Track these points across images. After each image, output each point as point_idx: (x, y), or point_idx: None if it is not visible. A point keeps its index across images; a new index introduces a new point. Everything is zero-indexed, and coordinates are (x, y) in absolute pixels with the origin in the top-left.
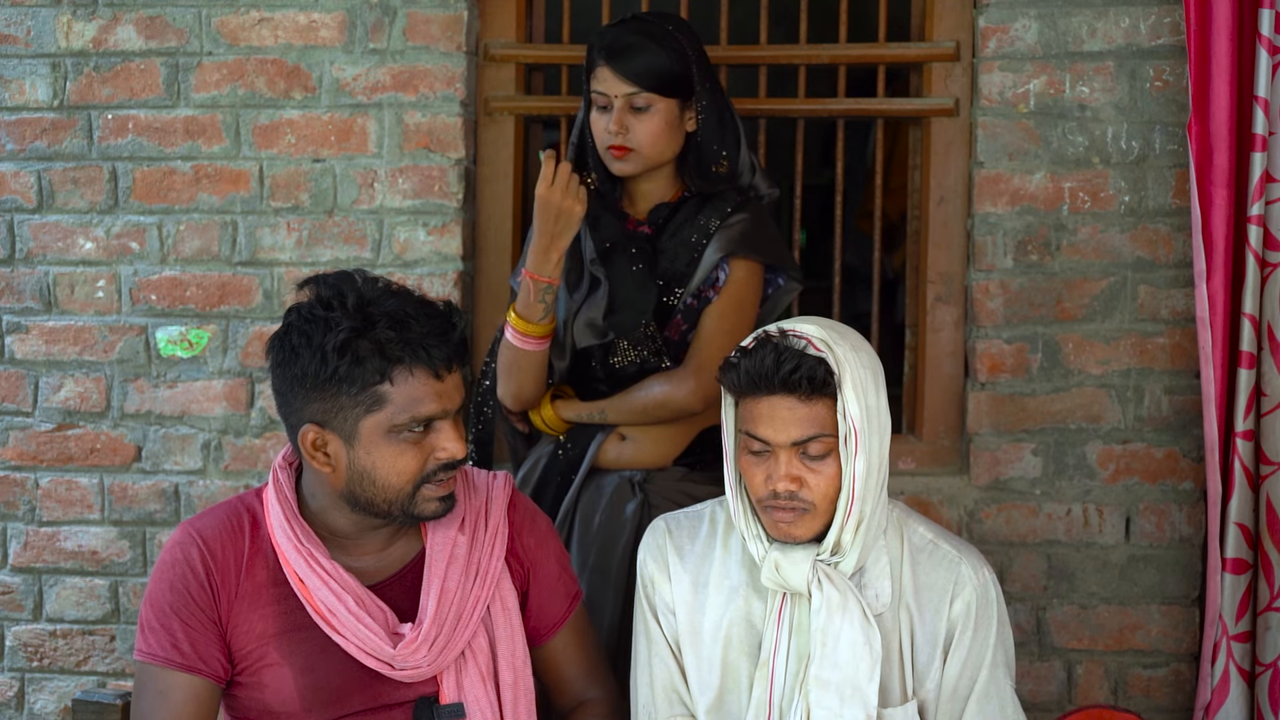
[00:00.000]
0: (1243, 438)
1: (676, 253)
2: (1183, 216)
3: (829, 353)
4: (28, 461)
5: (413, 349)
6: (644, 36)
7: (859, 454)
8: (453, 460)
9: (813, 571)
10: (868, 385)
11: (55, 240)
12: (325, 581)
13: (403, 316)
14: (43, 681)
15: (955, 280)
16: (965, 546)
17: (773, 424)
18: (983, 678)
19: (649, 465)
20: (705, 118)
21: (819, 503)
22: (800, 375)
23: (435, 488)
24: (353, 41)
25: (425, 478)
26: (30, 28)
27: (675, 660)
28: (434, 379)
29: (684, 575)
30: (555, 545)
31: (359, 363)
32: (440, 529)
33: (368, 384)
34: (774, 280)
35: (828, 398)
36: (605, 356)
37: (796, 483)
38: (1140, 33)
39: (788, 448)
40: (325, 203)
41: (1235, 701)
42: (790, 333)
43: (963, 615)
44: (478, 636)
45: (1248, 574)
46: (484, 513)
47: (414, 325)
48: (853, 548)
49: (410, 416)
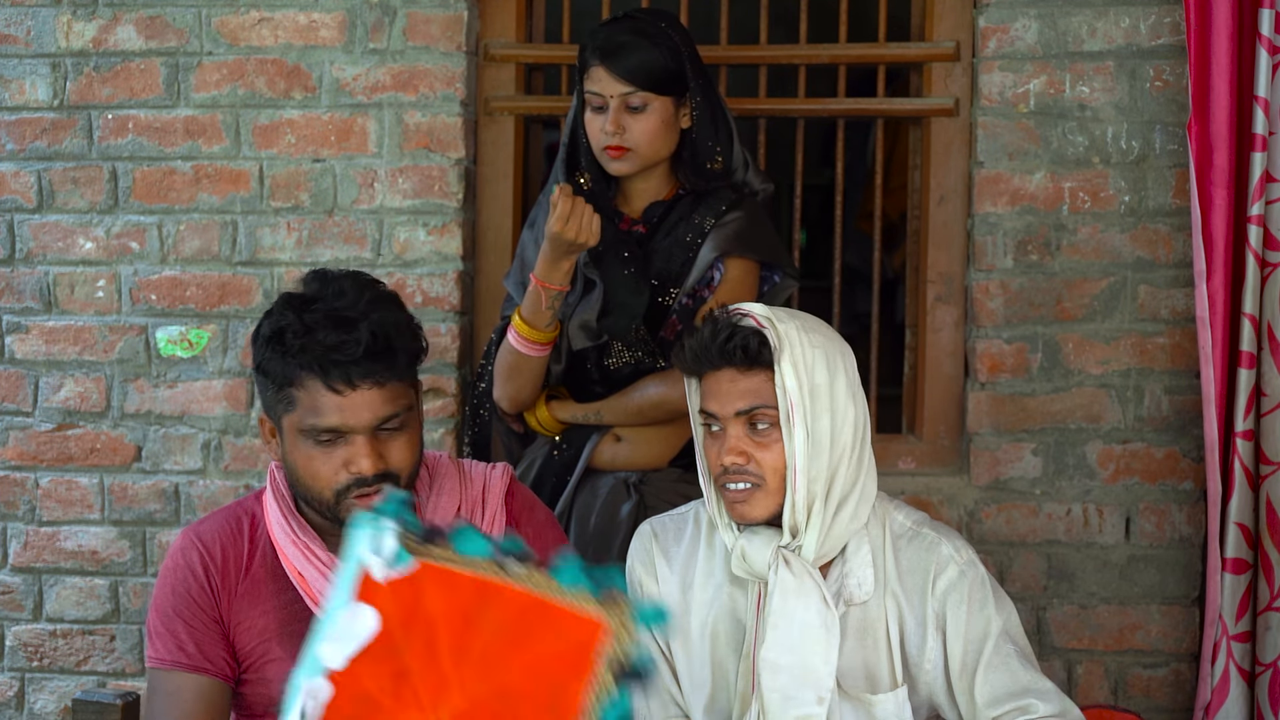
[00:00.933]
0: (1243, 438)
1: (671, 252)
2: (1183, 216)
3: (770, 328)
4: (28, 461)
5: (307, 359)
6: (638, 35)
7: (797, 428)
8: (361, 477)
9: (774, 556)
10: (814, 363)
11: (55, 240)
12: (322, 572)
13: (313, 325)
14: (43, 681)
15: (955, 280)
16: (946, 530)
17: (717, 397)
18: (988, 650)
19: (644, 466)
20: (699, 114)
21: (768, 478)
22: (734, 345)
23: (353, 501)
24: (353, 41)
25: (339, 491)
26: (30, 28)
27: (666, 662)
28: (331, 392)
29: (671, 577)
30: (555, 535)
31: (281, 357)
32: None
33: (282, 383)
34: (769, 277)
35: (767, 369)
36: (600, 358)
37: (743, 456)
38: (1140, 33)
39: (733, 419)
40: (325, 203)
41: (1235, 701)
42: (735, 311)
43: (950, 592)
44: None
45: (1248, 574)
46: (480, 501)
47: (320, 335)
48: (809, 530)
49: (311, 424)
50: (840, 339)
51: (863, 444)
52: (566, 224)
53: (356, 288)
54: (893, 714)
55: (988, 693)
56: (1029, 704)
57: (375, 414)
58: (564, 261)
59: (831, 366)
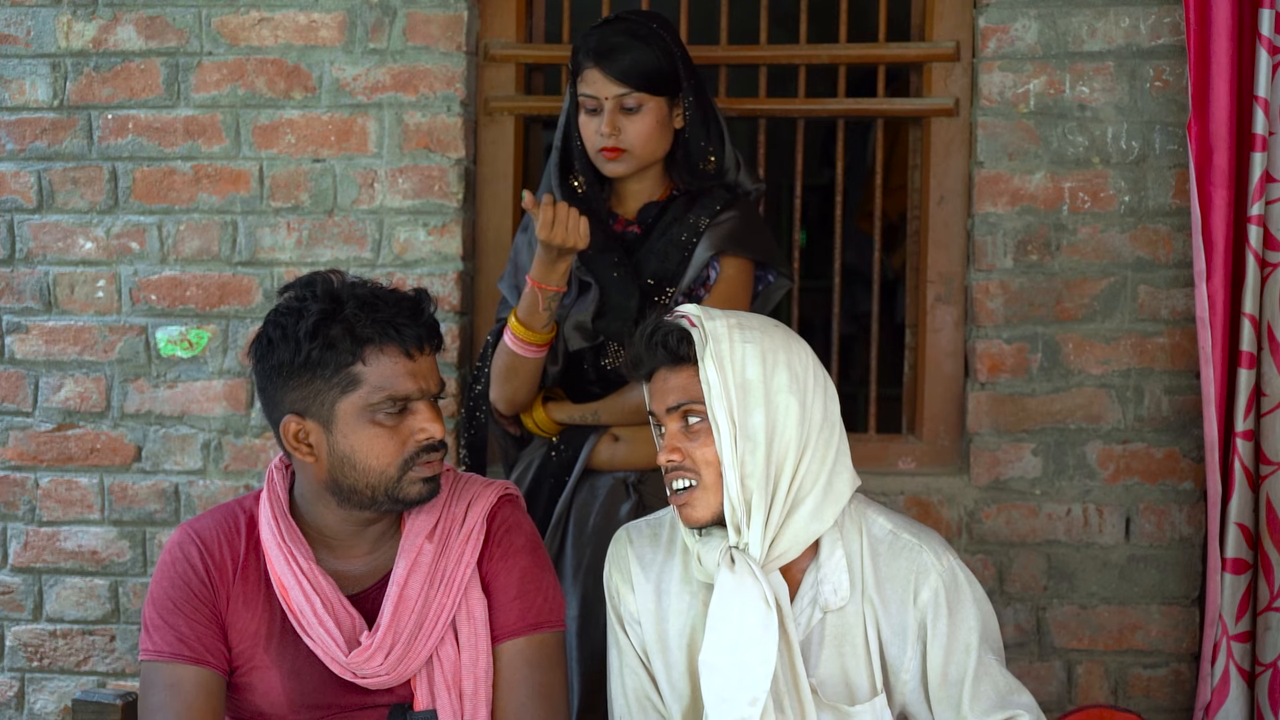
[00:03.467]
0: (1243, 438)
1: (667, 252)
2: (1183, 216)
3: (699, 326)
4: (28, 461)
5: (381, 328)
6: (630, 37)
7: (722, 421)
8: (432, 441)
9: (721, 557)
10: (744, 358)
11: (55, 240)
12: (299, 582)
13: (370, 299)
14: (43, 681)
15: (955, 280)
16: (926, 533)
17: (654, 396)
18: (972, 661)
19: (642, 466)
20: (691, 114)
21: (702, 472)
22: (656, 340)
23: (419, 469)
24: (353, 41)
25: (407, 461)
26: (30, 28)
27: (645, 669)
28: (405, 358)
29: (646, 584)
30: (529, 563)
31: (331, 345)
32: (411, 536)
33: (341, 365)
34: (763, 277)
35: (694, 366)
36: (596, 359)
37: (678, 453)
38: (1140, 33)
39: (667, 417)
40: (325, 203)
41: (1235, 701)
42: (673, 312)
43: (931, 603)
44: (445, 644)
45: (1248, 574)
46: (460, 519)
47: (382, 306)
48: (751, 528)
49: (385, 395)
50: (789, 339)
51: (826, 444)
52: (552, 229)
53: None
54: None
55: (975, 704)
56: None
57: (437, 379)
58: (559, 264)
59: (769, 362)
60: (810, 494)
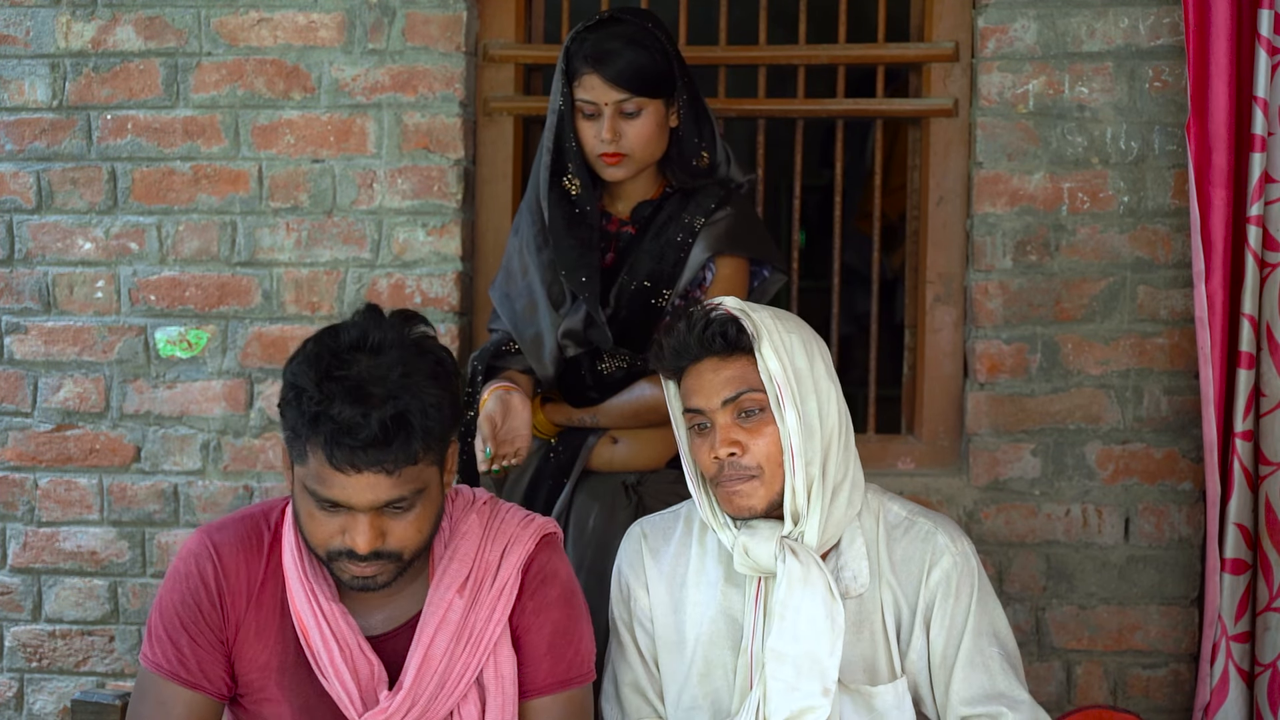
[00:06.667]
0: (1242, 438)
1: (663, 253)
2: (1182, 217)
3: (745, 316)
4: (27, 462)
5: (317, 432)
6: (627, 41)
7: (788, 410)
8: (353, 551)
9: (779, 547)
10: (794, 348)
11: (54, 240)
12: (319, 624)
13: (332, 396)
14: (42, 682)
15: (954, 280)
16: (941, 519)
17: (701, 391)
18: (966, 644)
19: (641, 468)
20: (684, 112)
21: (763, 465)
22: (713, 331)
23: (346, 565)
24: (352, 42)
25: (332, 553)
26: (30, 28)
27: (643, 665)
28: (334, 470)
29: (660, 580)
30: (555, 619)
31: (295, 413)
32: (441, 588)
33: (298, 435)
34: (758, 273)
35: (747, 354)
36: (593, 363)
37: (736, 446)
38: (1139, 33)
39: (720, 410)
40: (324, 203)
41: (1234, 702)
42: (706, 304)
43: (941, 583)
44: (468, 701)
45: (1247, 574)
46: (494, 569)
47: (334, 410)
48: (810, 515)
49: (313, 489)
50: (811, 329)
51: (847, 430)
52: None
53: (398, 355)
54: (892, 705)
55: (963, 690)
56: (999, 711)
57: (378, 497)
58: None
59: (809, 351)
60: (845, 480)
